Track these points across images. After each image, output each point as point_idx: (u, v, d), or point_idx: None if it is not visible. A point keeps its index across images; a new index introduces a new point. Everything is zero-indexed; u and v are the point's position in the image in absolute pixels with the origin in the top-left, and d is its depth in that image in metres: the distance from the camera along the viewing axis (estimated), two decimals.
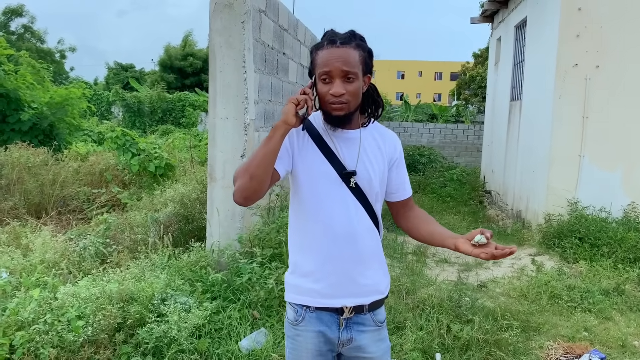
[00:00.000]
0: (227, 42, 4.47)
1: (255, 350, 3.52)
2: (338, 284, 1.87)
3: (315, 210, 1.86)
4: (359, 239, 1.86)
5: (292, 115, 1.68)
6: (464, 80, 30.87)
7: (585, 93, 6.93)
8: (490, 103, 12.89)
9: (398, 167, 1.96)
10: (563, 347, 4.04)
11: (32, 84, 10.81)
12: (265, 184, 1.74)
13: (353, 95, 1.77)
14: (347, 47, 1.76)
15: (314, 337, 1.90)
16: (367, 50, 1.83)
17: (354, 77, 1.76)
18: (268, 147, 1.70)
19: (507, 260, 6.53)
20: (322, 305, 1.89)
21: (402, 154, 1.99)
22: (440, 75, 64.19)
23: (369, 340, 1.92)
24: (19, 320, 3.25)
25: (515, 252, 1.63)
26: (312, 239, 1.88)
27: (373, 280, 1.92)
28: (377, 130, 1.95)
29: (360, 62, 1.78)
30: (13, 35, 32.32)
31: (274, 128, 1.71)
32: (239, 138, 4.55)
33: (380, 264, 1.97)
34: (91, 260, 4.57)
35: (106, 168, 8.24)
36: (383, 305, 2.00)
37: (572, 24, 6.91)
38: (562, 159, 7.08)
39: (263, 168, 1.71)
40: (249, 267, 4.07)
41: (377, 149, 1.91)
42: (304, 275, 1.91)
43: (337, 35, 1.80)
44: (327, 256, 1.85)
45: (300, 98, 1.70)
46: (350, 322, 1.91)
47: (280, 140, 1.71)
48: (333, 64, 1.74)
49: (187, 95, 23.20)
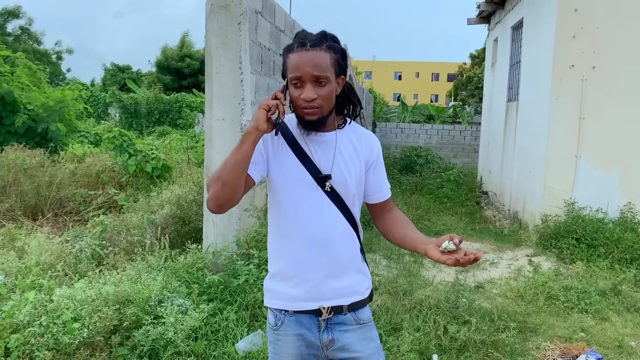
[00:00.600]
0: (223, 43, 4.47)
1: (251, 351, 3.51)
2: (314, 288, 1.85)
3: (290, 215, 1.84)
4: (334, 243, 1.83)
5: (262, 121, 1.66)
6: (460, 81, 30.94)
7: (582, 93, 6.95)
8: (486, 104, 12.91)
9: (375, 169, 1.92)
10: (560, 347, 4.04)
11: (27, 86, 10.76)
12: (238, 190, 1.72)
13: (325, 99, 1.73)
14: (317, 49, 1.72)
15: (294, 341, 1.89)
16: (339, 51, 1.78)
17: (325, 80, 1.71)
18: (239, 154, 1.68)
19: (504, 260, 6.55)
20: (299, 309, 1.87)
21: (379, 155, 1.94)
22: (437, 76, 64.29)
23: (353, 339, 1.90)
24: (14, 323, 3.23)
25: (480, 258, 1.60)
26: (288, 243, 1.86)
27: (350, 283, 1.90)
28: (354, 131, 1.91)
29: (332, 65, 1.73)
30: (9, 37, 32.20)
31: (245, 134, 1.68)
32: (236, 139, 4.54)
33: (358, 267, 1.94)
34: (87, 262, 4.55)
35: (102, 169, 8.21)
36: (367, 305, 1.97)
37: (568, 25, 6.93)
38: (559, 159, 7.09)
39: (235, 175, 1.69)
40: (245, 268, 4.06)
41: (353, 150, 1.87)
42: (281, 279, 1.90)
43: (307, 37, 1.75)
44: (303, 261, 1.84)
45: (270, 103, 1.67)
46: (330, 322, 1.88)
47: (251, 147, 1.69)
48: (303, 68, 1.70)
49: (184, 96, 23.16)
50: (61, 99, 10.64)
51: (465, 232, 8.24)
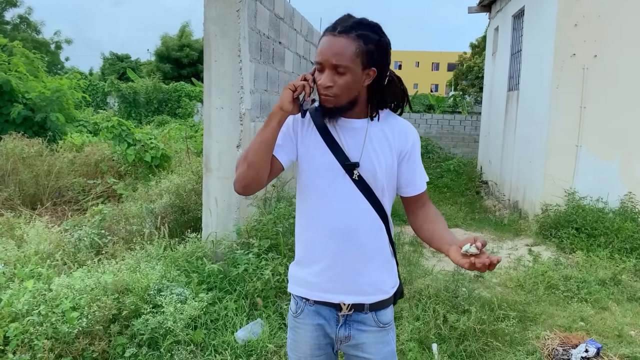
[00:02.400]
0: (222, 30, 4.42)
1: (251, 340, 3.51)
2: (336, 279, 1.80)
3: (316, 201, 1.79)
4: (360, 234, 1.77)
5: (287, 102, 1.65)
6: (461, 70, 30.78)
7: (583, 82, 6.91)
8: (487, 93, 12.85)
9: (409, 160, 1.80)
10: (559, 336, 4.04)
11: (24, 75, 10.70)
12: (263, 171, 1.71)
13: (342, 88, 1.67)
14: (344, 36, 1.64)
15: (313, 330, 1.87)
16: (373, 41, 1.66)
17: (345, 70, 1.64)
18: (264, 134, 1.68)
19: (504, 250, 6.54)
20: (320, 299, 1.84)
21: (415, 145, 1.81)
22: (437, 66, 64.07)
23: (369, 340, 1.84)
24: (13, 312, 3.22)
25: (499, 261, 1.51)
26: (313, 230, 1.82)
27: (374, 278, 1.81)
28: (388, 121, 1.81)
29: (357, 54, 1.64)
30: (7, 25, 32.02)
31: (270, 114, 1.68)
32: (235, 128, 4.51)
33: (385, 262, 1.85)
34: (86, 251, 4.54)
35: (101, 159, 8.19)
36: (390, 307, 1.89)
37: (569, 13, 6.87)
38: (559, 148, 7.07)
39: (260, 155, 1.68)
40: (245, 257, 4.05)
41: (384, 140, 1.77)
42: (304, 267, 1.86)
43: (342, 21, 1.68)
44: (327, 250, 1.79)
45: (297, 84, 1.65)
46: (350, 319, 1.84)
47: (276, 127, 1.68)
48: (325, 53, 1.65)
49: (183, 85, 23.08)
50: (59, 88, 10.58)
51: (465, 222, 8.23)
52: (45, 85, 10.79)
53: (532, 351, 3.86)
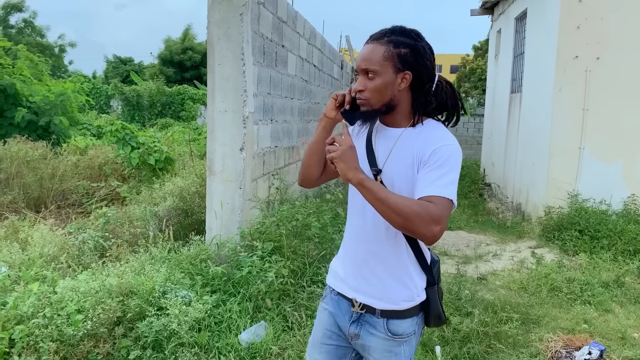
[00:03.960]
0: (225, 33, 4.45)
1: (254, 343, 3.52)
2: (352, 276, 1.91)
3: (350, 204, 1.96)
4: (373, 239, 1.83)
5: (330, 109, 1.87)
6: (463, 72, 30.79)
7: (586, 85, 6.91)
8: (490, 95, 12.86)
9: (424, 168, 1.69)
10: (562, 339, 4.04)
11: (28, 78, 10.74)
12: (313, 170, 1.98)
13: (372, 92, 1.74)
14: (375, 42, 1.75)
15: (328, 316, 1.99)
16: (406, 45, 1.72)
17: (374, 74, 1.73)
18: (313, 138, 1.95)
19: (507, 252, 6.54)
20: (339, 290, 1.96)
21: (436, 155, 1.69)
22: (440, 68, 63.98)
23: (376, 345, 1.86)
24: (18, 314, 3.24)
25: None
26: (347, 228, 1.99)
27: (382, 284, 1.83)
28: (426, 131, 1.78)
29: (387, 58, 1.71)
30: (12, 29, 32.13)
31: (319, 120, 1.94)
32: (238, 131, 4.53)
33: (399, 275, 1.83)
34: (90, 254, 4.56)
35: (105, 162, 8.22)
36: (406, 319, 1.85)
37: (572, 16, 6.88)
38: (562, 151, 7.07)
39: (309, 156, 1.97)
40: (248, 260, 4.06)
41: (411, 149, 1.75)
42: (337, 259, 2.05)
43: (379, 31, 1.79)
44: (350, 247, 1.94)
45: (340, 93, 1.85)
46: (363, 319, 1.89)
47: (322, 132, 1.92)
48: (359, 60, 1.78)
49: (186, 88, 23.12)
50: (63, 92, 10.62)
51: (468, 224, 8.23)
52: (49, 89, 10.83)
53: (536, 353, 3.87)
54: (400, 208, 1.57)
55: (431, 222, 1.56)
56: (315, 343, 2.02)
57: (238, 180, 4.52)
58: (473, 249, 6.67)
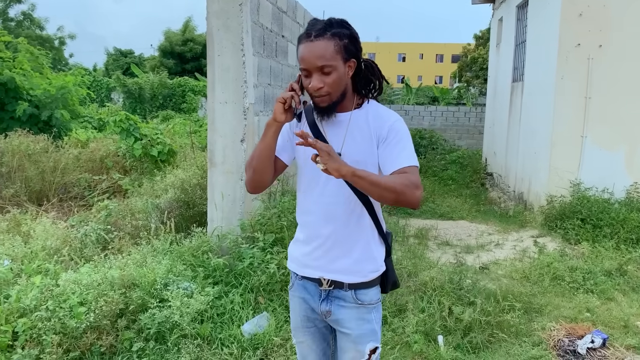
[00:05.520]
0: (225, 24, 4.42)
1: (257, 334, 3.53)
2: (319, 259, 1.97)
3: (305, 190, 2.00)
4: (339, 219, 1.93)
5: (279, 113, 1.83)
6: (465, 62, 30.68)
7: (588, 73, 6.86)
8: (491, 84, 12.80)
9: (385, 144, 1.86)
10: (565, 328, 4.05)
11: (29, 72, 10.72)
12: (266, 175, 1.95)
13: (332, 85, 1.82)
14: (321, 39, 1.79)
15: (301, 303, 2.08)
16: (346, 35, 1.83)
17: (330, 68, 1.79)
18: (263, 144, 1.90)
19: (509, 242, 6.54)
20: (304, 274, 2.04)
21: (391, 131, 1.87)
22: (442, 58, 63.74)
23: (348, 316, 1.98)
24: (21, 307, 3.26)
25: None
26: (302, 214, 2.04)
27: (351, 262, 1.95)
28: (372, 111, 1.94)
29: (337, 51, 1.80)
30: (12, 22, 32.02)
31: (266, 125, 1.88)
32: (239, 122, 4.51)
33: (364, 248, 1.97)
34: (92, 247, 4.57)
35: (106, 154, 8.22)
36: (372, 288, 2.00)
37: (574, 3, 6.82)
38: (564, 139, 7.04)
39: (261, 162, 1.92)
40: (250, 251, 4.06)
41: (366, 128, 1.90)
42: (295, 244, 2.10)
43: (314, 26, 1.82)
44: (311, 232, 1.99)
45: (286, 95, 1.81)
46: (331, 295, 1.99)
47: (272, 137, 1.89)
48: (308, 59, 1.80)
49: (187, 80, 23.06)
50: (64, 85, 10.60)
51: (470, 214, 8.22)
52: (50, 82, 10.80)
53: (538, 342, 3.87)
54: (391, 185, 1.70)
55: (415, 189, 1.73)
56: (297, 327, 2.14)
57: (239, 171, 4.51)
58: (475, 239, 6.67)
